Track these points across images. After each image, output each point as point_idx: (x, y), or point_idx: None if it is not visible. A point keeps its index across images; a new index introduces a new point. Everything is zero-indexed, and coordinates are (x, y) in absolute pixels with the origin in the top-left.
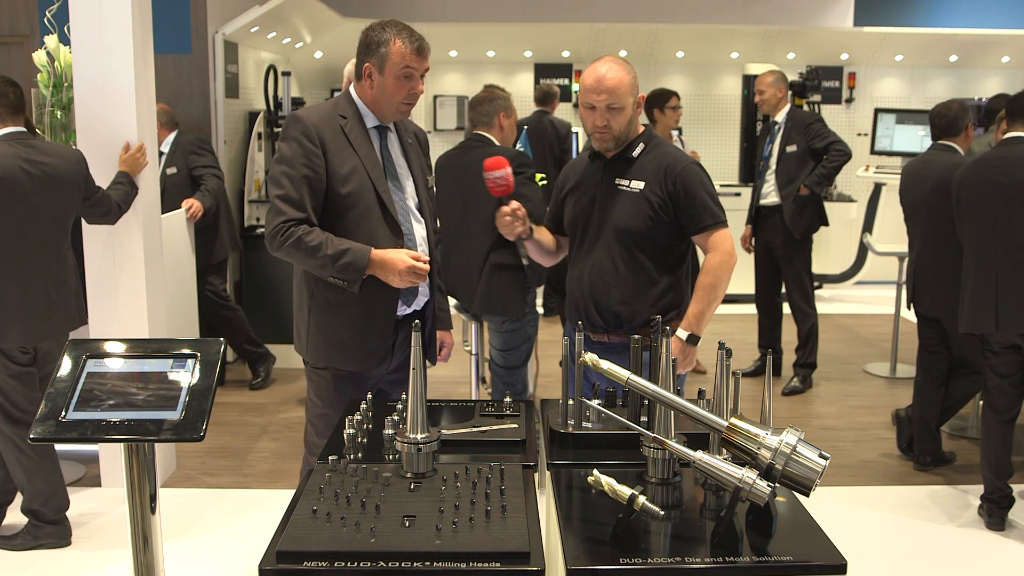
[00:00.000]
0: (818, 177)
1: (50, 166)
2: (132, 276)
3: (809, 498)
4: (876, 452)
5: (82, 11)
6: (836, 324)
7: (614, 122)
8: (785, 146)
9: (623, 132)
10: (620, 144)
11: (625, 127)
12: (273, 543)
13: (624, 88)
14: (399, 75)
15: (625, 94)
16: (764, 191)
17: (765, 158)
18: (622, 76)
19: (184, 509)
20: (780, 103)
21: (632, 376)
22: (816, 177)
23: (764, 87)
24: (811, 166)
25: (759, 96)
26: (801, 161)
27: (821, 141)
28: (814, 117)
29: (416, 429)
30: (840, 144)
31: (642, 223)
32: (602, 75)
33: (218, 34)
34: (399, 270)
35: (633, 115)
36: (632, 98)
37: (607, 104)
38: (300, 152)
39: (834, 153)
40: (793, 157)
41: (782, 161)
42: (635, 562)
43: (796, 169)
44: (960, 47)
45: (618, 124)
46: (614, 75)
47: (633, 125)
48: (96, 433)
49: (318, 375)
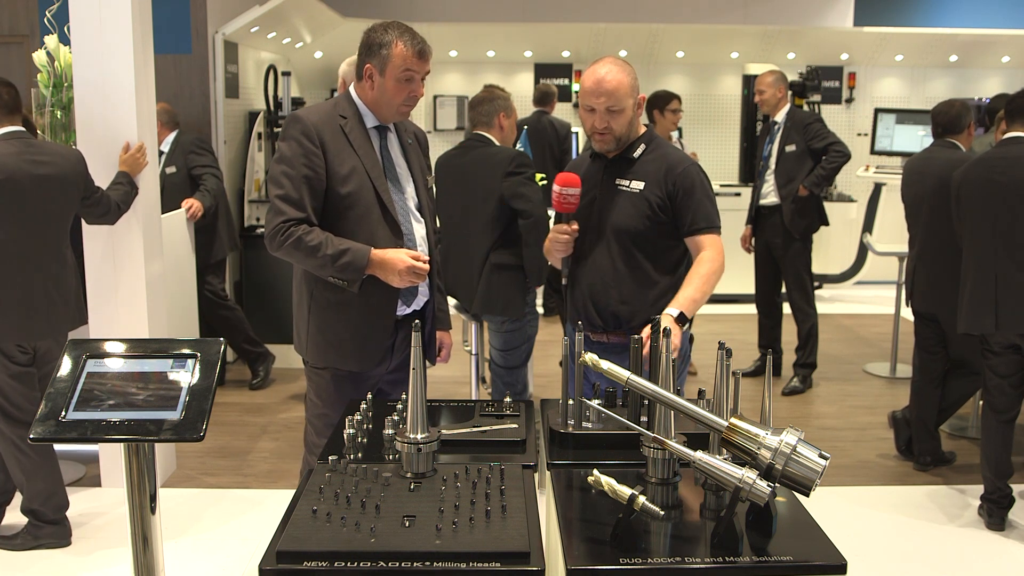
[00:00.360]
0: (817, 178)
1: (49, 166)
2: (132, 276)
3: (809, 498)
4: (876, 452)
5: (82, 11)
6: (836, 324)
7: (614, 124)
8: (784, 146)
9: (624, 134)
10: (621, 145)
11: (626, 129)
12: (273, 543)
13: (624, 90)
14: (400, 77)
15: (625, 96)
16: (764, 191)
17: (765, 158)
18: (621, 78)
19: (184, 509)
20: (780, 103)
21: (632, 376)
22: (815, 178)
23: (764, 87)
24: (810, 166)
25: (759, 96)
26: (800, 161)
27: (820, 141)
28: (813, 117)
29: (416, 429)
30: (839, 145)
31: (641, 224)
32: (601, 77)
33: (218, 34)
34: (399, 270)
35: (633, 116)
36: (632, 100)
37: (607, 107)
38: (300, 152)
39: (833, 154)
40: (792, 157)
41: (781, 161)
42: (635, 562)
43: (795, 169)
44: (960, 47)
45: (619, 126)
46: (614, 77)
47: (634, 126)
48: (96, 433)
49: (318, 375)
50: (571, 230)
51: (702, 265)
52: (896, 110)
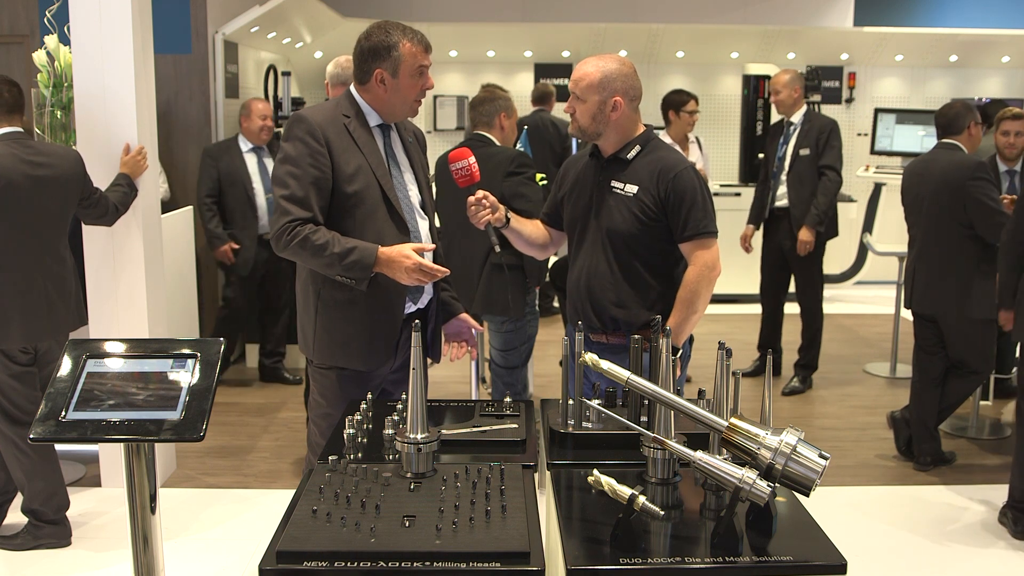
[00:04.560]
0: (818, 216)
1: (48, 166)
2: (132, 276)
3: (809, 498)
4: (876, 452)
5: (82, 11)
6: (836, 324)
7: (578, 111)
8: (799, 149)
9: (587, 126)
10: (586, 136)
11: (588, 122)
12: (273, 543)
13: (587, 82)
14: (413, 75)
15: (588, 88)
16: (779, 193)
17: (779, 159)
18: (591, 71)
19: (184, 509)
20: (796, 104)
21: (632, 376)
22: (815, 217)
23: (780, 87)
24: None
25: (775, 96)
26: (813, 165)
27: (823, 158)
28: (829, 127)
29: (416, 429)
30: (833, 171)
31: (634, 227)
32: (581, 64)
33: (218, 34)
34: (406, 267)
35: (600, 114)
36: (598, 96)
37: (574, 91)
38: (306, 152)
39: (825, 183)
40: (806, 161)
41: (795, 164)
42: (635, 562)
43: (807, 173)
44: (960, 47)
45: (581, 115)
46: (586, 68)
47: (602, 124)
48: (96, 433)
49: (323, 375)
50: (476, 199)
51: (682, 289)
52: (896, 110)
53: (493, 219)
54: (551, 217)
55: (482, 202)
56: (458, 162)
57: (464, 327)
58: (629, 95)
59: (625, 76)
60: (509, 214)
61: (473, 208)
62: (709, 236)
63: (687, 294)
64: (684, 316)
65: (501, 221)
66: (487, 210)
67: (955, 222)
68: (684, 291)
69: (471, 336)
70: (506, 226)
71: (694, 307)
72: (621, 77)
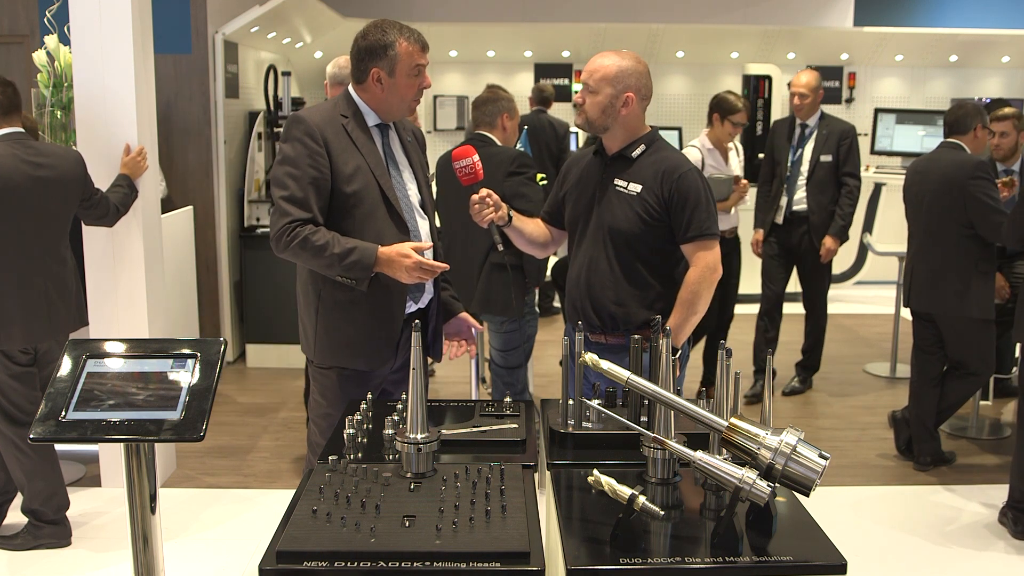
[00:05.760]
0: (840, 229)
1: (48, 167)
2: (132, 277)
3: (809, 498)
4: (876, 452)
5: (82, 11)
6: (836, 324)
7: (588, 103)
8: (819, 156)
9: (596, 118)
10: (592, 129)
11: (598, 114)
12: (273, 543)
13: (602, 74)
14: (410, 73)
15: (602, 80)
16: (796, 198)
17: (795, 163)
18: (608, 64)
19: (184, 509)
20: (816, 107)
21: (632, 376)
22: (838, 229)
23: (808, 91)
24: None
25: (801, 100)
26: (833, 173)
27: (846, 164)
28: (851, 133)
29: (416, 429)
30: (854, 178)
31: (636, 226)
32: (597, 57)
33: (218, 34)
34: (406, 266)
35: (611, 108)
36: (612, 89)
37: (586, 82)
38: (304, 152)
39: (845, 198)
40: (827, 167)
41: (816, 171)
42: (635, 562)
43: (827, 181)
44: (960, 47)
45: (591, 107)
46: (603, 60)
47: (611, 118)
48: (96, 433)
49: (324, 375)
50: (479, 198)
51: (683, 290)
52: (896, 110)
53: (496, 217)
54: (552, 216)
55: (485, 200)
56: (462, 160)
57: (464, 326)
58: (641, 93)
59: (640, 74)
60: (511, 212)
61: (477, 206)
62: (711, 238)
63: (688, 295)
64: (684, 317)
65: (504, 219)
66: (490, 208)
67: (955, 221)
68: (685, 292)
69: (471, 335)
70: (508, 224)
71: (694, 308)
72: (636, 75)
